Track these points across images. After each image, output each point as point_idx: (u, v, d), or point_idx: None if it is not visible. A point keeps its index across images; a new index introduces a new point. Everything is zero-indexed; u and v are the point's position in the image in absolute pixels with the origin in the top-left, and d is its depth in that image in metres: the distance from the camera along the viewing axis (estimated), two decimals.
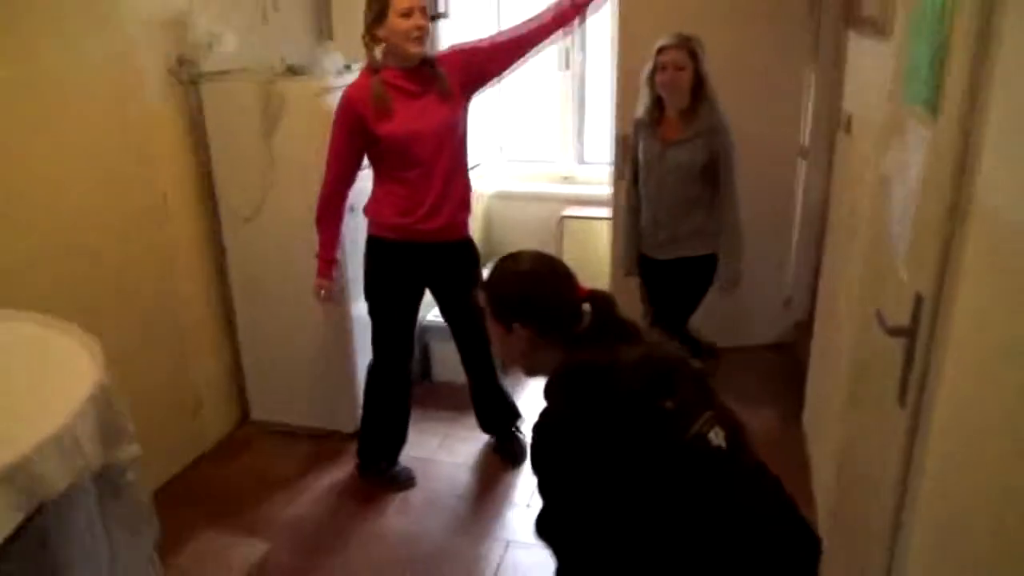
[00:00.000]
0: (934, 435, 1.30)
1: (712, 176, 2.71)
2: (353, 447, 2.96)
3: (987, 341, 1.11)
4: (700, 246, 2.79)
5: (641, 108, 2.78)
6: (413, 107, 2.41)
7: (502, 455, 3.03)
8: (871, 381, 1.80)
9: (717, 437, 1.33)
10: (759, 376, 3.63)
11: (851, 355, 2.06)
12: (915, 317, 1.37)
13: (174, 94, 2.78)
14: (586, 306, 1.48)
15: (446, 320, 2.87)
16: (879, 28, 2.09)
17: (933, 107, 1.35)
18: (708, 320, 3.75)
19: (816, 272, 3.28)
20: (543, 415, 1.38)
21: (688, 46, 2.63)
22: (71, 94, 2.36)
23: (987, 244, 1.12)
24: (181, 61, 2.75)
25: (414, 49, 2.34)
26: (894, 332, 1.43)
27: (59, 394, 1.23)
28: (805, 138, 3.56)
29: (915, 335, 1.37)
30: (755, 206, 3.63)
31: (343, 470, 2.95)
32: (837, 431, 2.25)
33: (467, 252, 2.71)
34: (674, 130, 2.71)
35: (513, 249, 1.60)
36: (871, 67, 2.24)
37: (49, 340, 1.46)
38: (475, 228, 4.15)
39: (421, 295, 2.73)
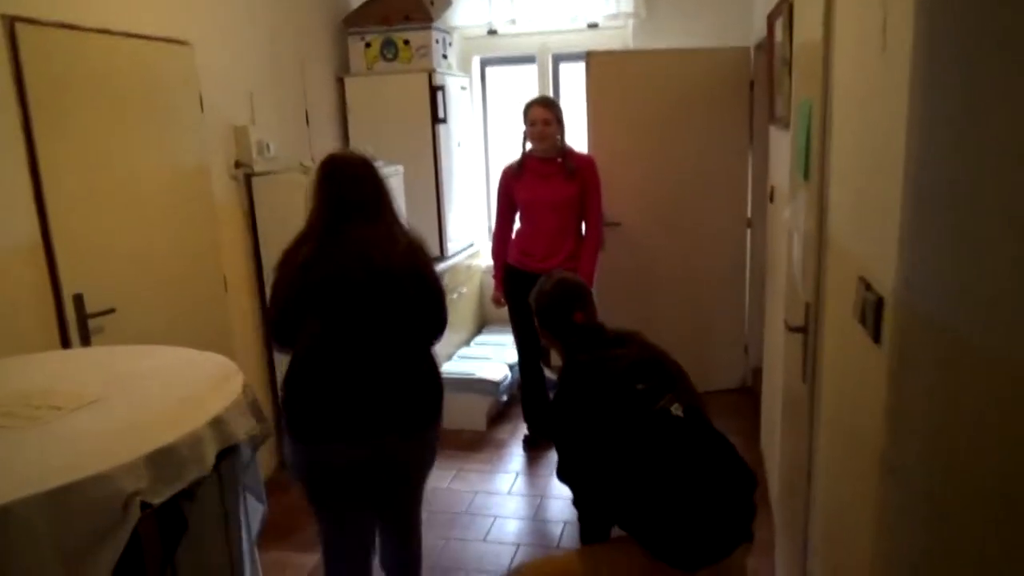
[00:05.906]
0: (823, 402, 1.89)
1: None
2: None
3: (840, 334, 1.72)
4: None
5: None
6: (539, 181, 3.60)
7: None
8: (793, 381, 2.40)
9: (677, 410, 1.91)
10: (723, 413, 4.17)
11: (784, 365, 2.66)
12: (806, 318, 1.99)
13: (232, 190, 3.41)
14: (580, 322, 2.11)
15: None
16: (784, 123, 2.79)
17: (806, 175, 2.01)
18: None
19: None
20: (556, 395, 1.97)
21: None
22: (163, 194, 2.97)
23: (837, 262, 1.75)
24: (238, 164, 3.41)
25: (538, 145, 3.57)
26: (795, 330, 2.05)
27: (222, 385, 1.79)
28: (749, 211, 4.28)
29: (807, 331, 1.99)
30: (714, 270, 4.33)
31: None
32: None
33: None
34: None
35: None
36: (783, 151, 2.94)
37: (201, 359, 2.02)
38: (471, 298, 4.80)
39: None
